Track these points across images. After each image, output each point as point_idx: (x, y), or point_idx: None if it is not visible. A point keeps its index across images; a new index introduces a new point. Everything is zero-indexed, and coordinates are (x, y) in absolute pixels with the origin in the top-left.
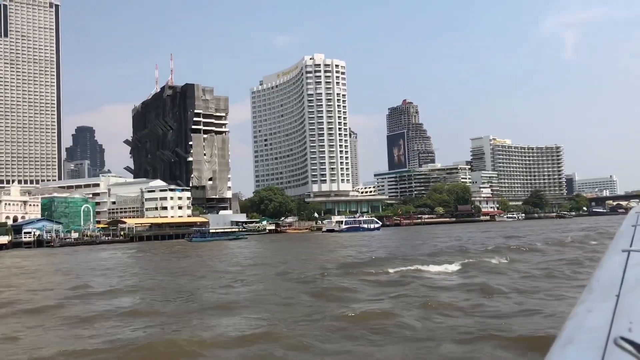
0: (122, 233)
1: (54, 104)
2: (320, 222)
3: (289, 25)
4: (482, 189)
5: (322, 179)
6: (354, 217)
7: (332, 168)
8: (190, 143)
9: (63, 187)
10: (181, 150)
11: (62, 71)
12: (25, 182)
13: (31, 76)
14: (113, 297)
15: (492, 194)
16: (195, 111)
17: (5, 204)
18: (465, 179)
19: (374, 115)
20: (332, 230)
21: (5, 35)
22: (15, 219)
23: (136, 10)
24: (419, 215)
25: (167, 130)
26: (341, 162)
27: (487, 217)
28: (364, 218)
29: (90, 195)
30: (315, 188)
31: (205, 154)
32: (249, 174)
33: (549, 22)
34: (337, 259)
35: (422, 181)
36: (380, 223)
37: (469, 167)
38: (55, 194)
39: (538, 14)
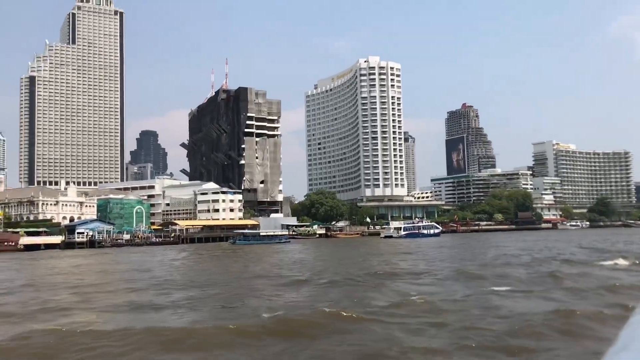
0: (172, 235)
1: (117, 108)
2: (372, 227)
3: (346, 30)
4: (544, 196)
5: (376, 183)
6: (413, 223)
7: (386, 172)
8: (243, 146)
9: (120, 189)
10: (234, 154)
11: (126, 77)
12: (90, 184)
13: (97, 82)
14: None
15: (554, 200)
16: (248, 114)
17: (63, 204)
18: (527, 185)
19: (433, 120)
20: (390, 236)
21: (73, 42)
22: (71, 219)
23: (195, 17)
24: (477, 222)
25: (221, 133)
26: (395, 167)
27: (549, 225)
28: (424, 223)
29: (146, 197)
30: (368, 192)
31: (257, 157)
32: (303, 177)
33: (618, 23)
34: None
35: (481, 187)
36: (440, 228)
37: (531, 172)
38: (111, 196)
39: (605, 15)
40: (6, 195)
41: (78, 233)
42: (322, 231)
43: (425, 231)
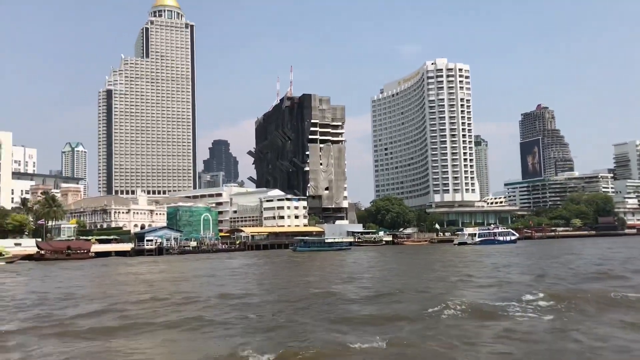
0: (237, 242)
1: (189, 119)
2: (441, 233)
3: (414, 34)
4: (627, 200)
5: (445, 188)
6: (488, 229)
7: (456, 177)
8: (307, 153)
9: (189, 197)
10: (298, 160)
11: (197, 88)
12: (164, 192)
13: (169, 93)
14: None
15: (639, 205)
16: (312, 121)
17: (134, 212)
18: (607, 188)
19: (507, 122)
20: (464, 243)
21: (147, 56)
22: (142, 227)
23: (260, 26)
24: (553, 228)
25: (286, 140)
26: (465, 171)
27: (634, 231)
28: (499, 230)
29: (214, 205)
30: (437, 198)
31: (321, 164)
32: (370, 184)
33: None
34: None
35: (558, 191)
36: (517, 235)
37: (612, 175)
38: (180, 204)
39: None
40: (82, 204)
41: (147, 240)
42: (389, 238)
43: (501, 238)
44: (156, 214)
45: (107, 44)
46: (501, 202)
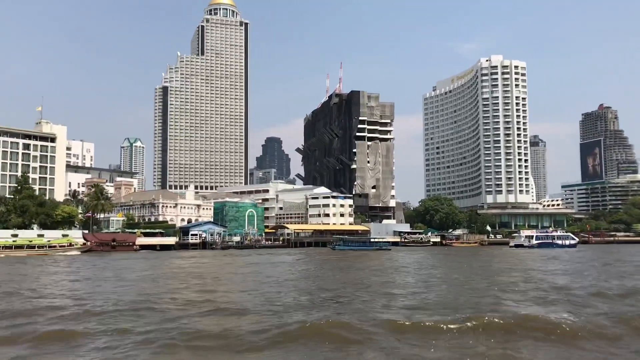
0: (281, 238)
1: (242, 116)
2: (493, 235)
3: (473, 32)
4: None
5: (498, 189)
6: (546, 232)
7: (509, 178)
8: (355, 150)
9: (236, 193)
10: (345, 158)
11: (250, 85)
12: (215, 188)
13: (223, 90)
14: None
15: None
16: (360, 118)
17: (181, 207)
18: None
19: (566, 122)
20: (520, 246)
21: (202, 53)
22: (189, 221)
23: (314, 23)
24: (612, 233)
25: (333, 137)
26: (520, 172)
27: None
28: (558, 233)
29: (260, 201)
30: (489, 199)
31: (369, 162)
32: (420, 184)
33: None
34: None
35: (619, 194)
36: (577, 239)
37: None
38: (227, 199)
39: None
40: (131, 198)
41: (192, 235)
42: (437, 239)
43: (559, 241)
44: (203, 208)
45: (166, 42)
46: (558, 205)
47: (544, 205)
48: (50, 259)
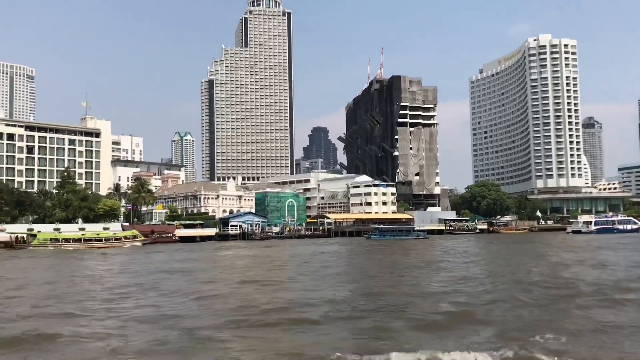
0: (321, 228)
1: (287, 106)
2: (543, 221)
3: (518, 12)
4: None
5: (548, 173)
6: (606, 216)
7: (560, 161)
8: (397, 137)
9: (278, 183)
10: (387, 145)
11: (294, 75)
12: (261, 179)
13: (267, 82)
14: None
15: None
16: (402, 104)
17: (223, 198)
18: None
19: (625, 104)
20: (578, 232)
21: (246, 45)
22: (231, 212)
23: (355, 10)
24: None
25: (375, 125)
26: (571, 155)
27: None
28: (619, 217)
29: (301, 191)
30: (539, 184)
31: (411, 148)
32: (468, 170)
33: None
34: None
35: None
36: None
37: None
38: (268, 189)
39: None
40: (174, 190)
41: (231, 226)
42: (484, 226)
43: (620, 226)
44: (244, 199)
45: (212, 35)
46: (615, 188)
47: (599, 189)
48: (126, 250)
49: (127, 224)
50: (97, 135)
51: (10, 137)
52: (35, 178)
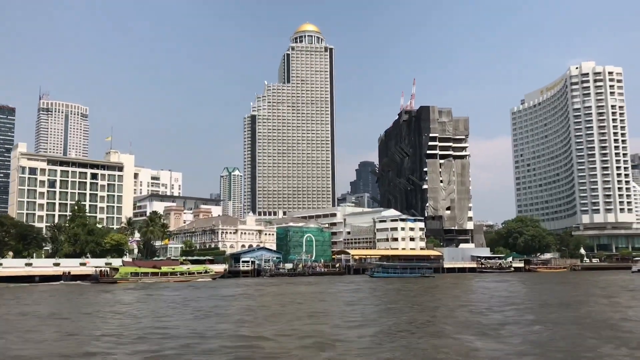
0: (337, 265)
1: (328, 141)
2: (587, 260)
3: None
4: None
5: (595, 208)
6: None
7: (608, 195)
8: (425, 169)
9: (304, 217)
10: (416, 178)
11: (336, 109)
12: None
13: (309, 116)
14: None
15: None
16: (431, 135)
17: (242, 232)
18: None
19: None
20: None
21: (288, 81)
22: (250, 247)
23: (394, 43)
24: None
25: (404, 157)
26: (619, 188)
27: None
28: None
29: (327, 225)
30: (585, 219)
31: (441, 181)
32: (511, 204)
33: None
34: None
35: None
36: None
37: None
38: (291, 224)
39: None
40: (194, 225)
41: (243, 261)
42: (520, 264)
43: None
44: (265, 234)
45: (255, 72)
46: None
47: None
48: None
49: (130, 259)
50: (120, 169)
51: (33, 171)
52: (56, 212)
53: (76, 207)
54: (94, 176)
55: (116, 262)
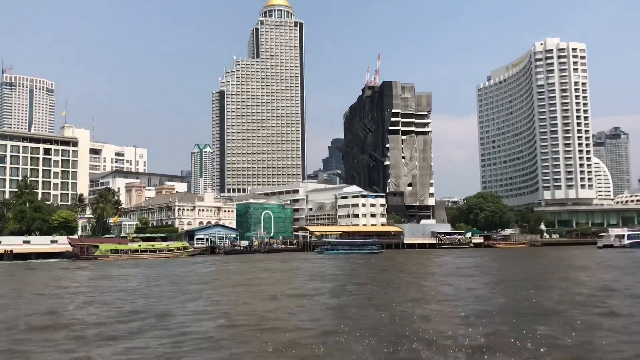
0: (295, 241)
1: (298, 117)
2: (546, 235)
3: (534, 21)
4: None
5: (556, 184)
6: None
7: (569, 172)
8: (388, 146)
9: (266, 194)
10: (378, 154)
11: (306, 86)
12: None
13: (279, 92)
14: None
15: None
16: (393, 111)
17: (199, 209)
18: None
19: None
20: (610, 246)
21: (257, 56)
22: (209, 224)
23: (362, 19)
24: None
25: (367, 133)
26: (581, 164)
27: None
28: None
29: (289, 202)
30: (547, 195)
31: (404, 157)
32: (476, 181)
33: None
34: None
35: None
36: None
37: None
38: (251, 200)
39: None
40: (150, 202)
41: (197, 239)
42: (480, 240)
43: None
44: (225, 211)
45: (224, 46)
46: (639, 201)
47: (621, 202)
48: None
49: (76, 237)
50: (75, 144)
51: None
52: (6, 189)
53: (22, 183)
54: (46, 151)
55: (62, 239)
